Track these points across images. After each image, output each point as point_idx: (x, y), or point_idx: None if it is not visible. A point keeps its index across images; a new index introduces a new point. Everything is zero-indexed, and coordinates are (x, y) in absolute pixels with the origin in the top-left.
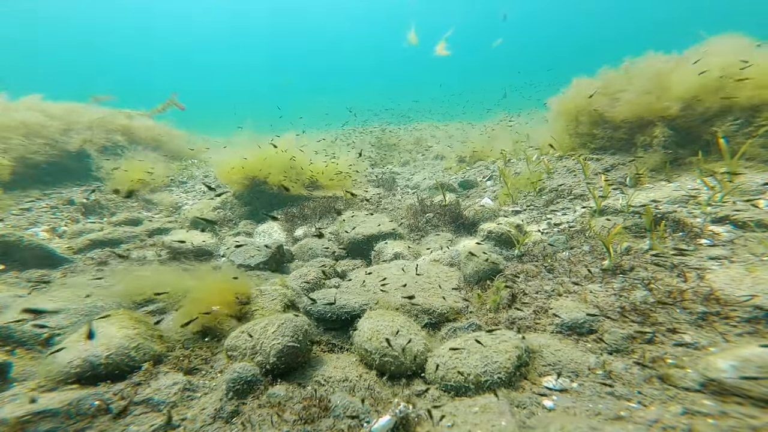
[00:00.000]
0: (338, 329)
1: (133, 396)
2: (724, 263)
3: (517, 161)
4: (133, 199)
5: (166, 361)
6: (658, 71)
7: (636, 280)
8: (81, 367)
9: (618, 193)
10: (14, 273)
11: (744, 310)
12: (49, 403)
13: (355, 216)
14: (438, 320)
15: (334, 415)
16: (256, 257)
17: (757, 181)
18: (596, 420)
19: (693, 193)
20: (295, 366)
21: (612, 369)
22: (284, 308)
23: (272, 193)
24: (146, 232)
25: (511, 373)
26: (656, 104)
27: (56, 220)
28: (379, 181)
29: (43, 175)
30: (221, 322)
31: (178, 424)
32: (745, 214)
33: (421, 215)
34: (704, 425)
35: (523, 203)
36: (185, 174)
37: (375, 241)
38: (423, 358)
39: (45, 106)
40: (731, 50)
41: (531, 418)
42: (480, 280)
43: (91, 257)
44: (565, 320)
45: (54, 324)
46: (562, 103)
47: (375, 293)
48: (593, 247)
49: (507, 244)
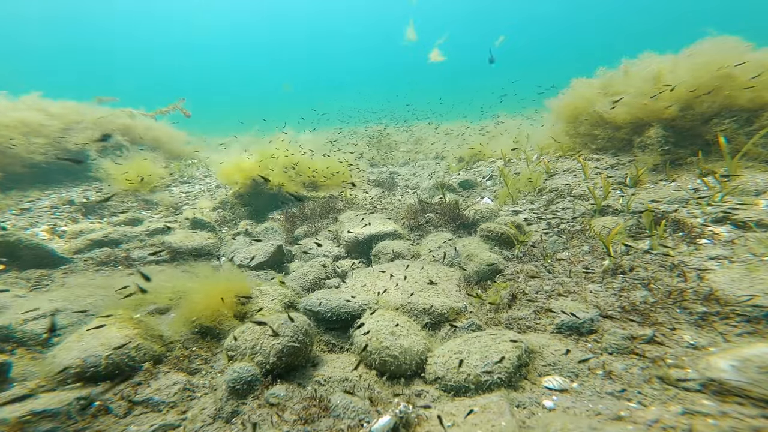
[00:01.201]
0: (338, 329)
1: (133, 396)
2: (724, 263)
3: (518, 161)
4: (131, 198)
5: (166, 361)
6: (655, 72)
7: (636, 280)
8: (81, 367)
9: (618, 193)
10: (14, 273)
11: (744, 310)
12: (49, 403)
13: (356, 216)
14: (438, 320)
15: (334, 415)
16: (256, 257)
17: (758, 181)
18: (596, 420)
19: (693, 193)
20: (295, 366)
21: (612, 369)
22: (284, 308)
23: (272, 193)
24: (146, 232)
25: (511, 373)
26: (654, 105)
27: (56, 220)
28: (379, 181)
29: (43, 174)
30: (221, 322)
31: (177, 423)
32: (745, 214)
33: (421, 215)
34: (704, 425)
35: (523, 203)
36: (185, 174)
37: (375, 241)
38: (423, 358)
39: (45, 104)
40: (720, 51)
41: (531, 418)
42: (480, 280)
43: (91, 257)
44: (565, 320)
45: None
46: (562, 105)
47: (375, 293)
48: (593, 247)
49: (507, 244)
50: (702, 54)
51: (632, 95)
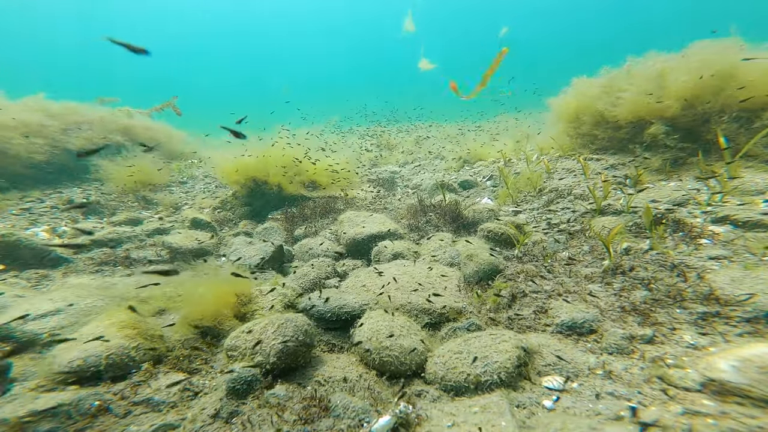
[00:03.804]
0: (338, 329)
1: (133, 396)
2: (724, 263)
3: (517, 161)
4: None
5: (166, 361)
6: (658, 71)
7: (636, 280)
8: (81, 367)
9: (618, 193)
10: (14, 273)
11: (744, 310)
12: (49, 403)
13: (356, 216)
14: (438, 320)
15: (334, 415)
16: (256, 257)
17: (758, 181)
18: (596, 420)
19: (693, 193)
20: (295, 366)
21: (612, 369)
22: (284, 308)
23: (272, 193)
24: (145, 233)
25: (511, 373)
26: (655, 104)
27: (56, 220)
28: (379, 180)
29: (43, 174)
30: (221, 322)
31: (177, 423)
32: (744, 213)
33: (421, 215)
34: (704, 425)
35: (523, 203)
36: (185, 174)
37: (375, 241)
38: (423, 358)
39: (46, 104)
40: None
41: (531, 418)
42: (480, 280)
43: (91, 257)
44: (565, 320)
45: (54, 324)
46: (564, 103)
47: (375, 293)
48: (593, 247)
49: (507, 244)
50: (700, 54)
51: (635, 93)
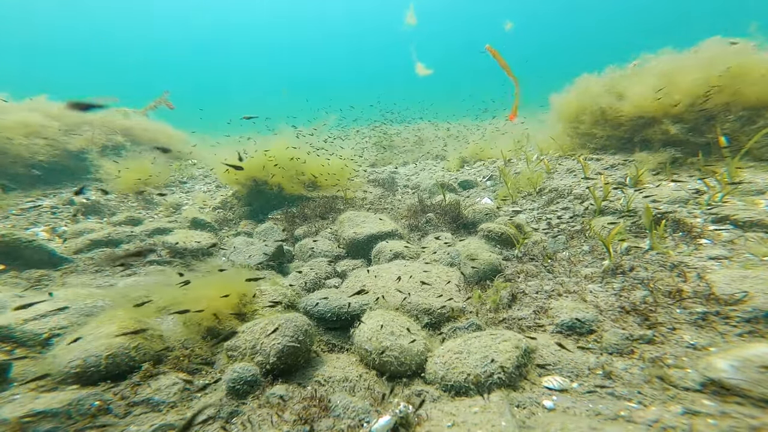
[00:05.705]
0: (338, 329)
1: (133, 396)
2: (724, 263)
3: (518, 161)
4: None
5: (166, 361)
6: (664, 70)
7: (636, 280)
8: (81, 367)
9: (618, 192)
10: (14, 273)
11: (743, 310)
12: (49, 403)
13: (356, 216)
14: (438, 320)
15: (334, 415)
16: (255, 257)
17: (758, 180)
18: (596, 420)
19: (693, 193)
20: (296, 366)
21: (612, 369)
22: (284, 308)
23: (272, 193)
24: (145, 233)
25: (511, 373)
26: (659, 102)
27: (56, 220)
28: (379, 181)
29: (43, 174)
30: (221, 321)
31: (177, 423)
32: (745, 214)
33: (421, 215)
34: (704, 425)
35: (523, 203)
36: (185, 174)
37: (375, 241)
38: (423, 358)
39: (46, 106)
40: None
41: (531, 418)
42: (480, 280)
43: (91, 257)
44: (565, 320)
45: (54, 323)
46: (565, 102)
47: (375, 293)
48: (593, 247)
49: (507, 244)
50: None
51: (642, 88)
